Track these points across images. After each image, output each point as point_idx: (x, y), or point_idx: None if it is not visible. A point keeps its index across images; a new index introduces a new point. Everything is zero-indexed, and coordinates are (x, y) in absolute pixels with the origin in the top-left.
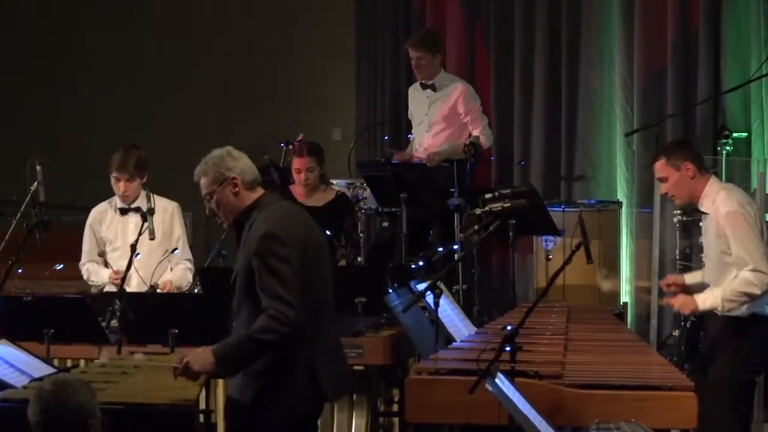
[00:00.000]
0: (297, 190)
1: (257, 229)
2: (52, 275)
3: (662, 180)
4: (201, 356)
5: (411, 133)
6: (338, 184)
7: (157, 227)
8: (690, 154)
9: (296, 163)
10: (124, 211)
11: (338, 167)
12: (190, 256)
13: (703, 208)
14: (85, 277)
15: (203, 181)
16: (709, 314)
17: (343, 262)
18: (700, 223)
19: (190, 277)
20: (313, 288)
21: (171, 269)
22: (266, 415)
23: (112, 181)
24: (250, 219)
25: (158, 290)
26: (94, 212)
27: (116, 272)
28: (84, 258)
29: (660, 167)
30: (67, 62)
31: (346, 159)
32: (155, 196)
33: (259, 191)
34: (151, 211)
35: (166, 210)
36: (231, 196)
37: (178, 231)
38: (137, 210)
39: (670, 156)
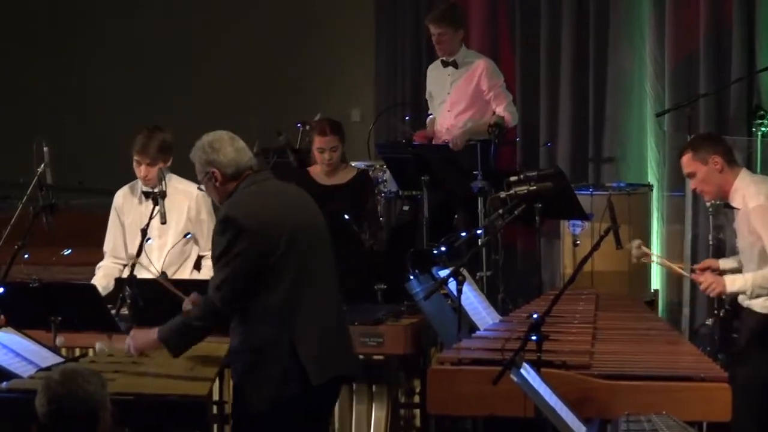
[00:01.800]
0: (316, 169)
1: (220, 213)
2: (59, 261)
3: (690, 176)
4: (144, 336)
5: (430, 113)
6: (357, 166)
7: (181, 213)
8: (718, 147)
9: (319, 142)
10: (147, 195)
11: (357, 149)
12: None
13: (734, 204)
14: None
15: (196, 167)
16: (747, 309)
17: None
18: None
19: None
20: (289, 272)
21: (199, 263)
22: (251, 395)
23: (134, 164)
24: None
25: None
26: (119, 197)
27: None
28: (106, 251)
29: (687, 162)
30: (77, 41)
31: (365, 140)
32: (180, 179)
33: (244, 176)
34: (163, 194)
35: (191, 195)
36: (213, 187)
37: (204, 216)
38: (164, 195)
39: (697, 150)
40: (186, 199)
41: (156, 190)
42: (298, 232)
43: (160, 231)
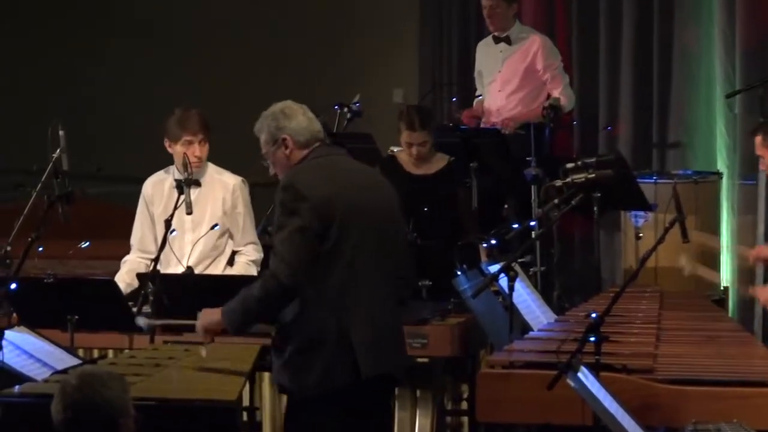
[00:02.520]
0: (405, 156)
1: (281, 182)
2: (76, 254)
3: (762, 160)
4: (210, 315)
5: (479, 94)
6: (398, 151)
7: (216, 205)
8: None
9: (407, 136)
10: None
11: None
12: (254, 239)
13: None
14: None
15: (261, 139)
16: None
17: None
18: None
19: (254, 272)
20: (346, 255)
21: (233, 257)
22: (304, 390)
23: (179, 147)
24: None
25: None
26: (148, 186)
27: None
28: (133, 244)
29: (758, 145)
30: (95, 21)
31: None
32: (218, 168)
33: (313, 147)
34: (189, 182)
35: (228, 186)
36: (283, 157)
37: (241, 209)
38: (197, 183)
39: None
40: (222, 190)
41: (183, 177)
42: (362, 214)
43: (193, 224)
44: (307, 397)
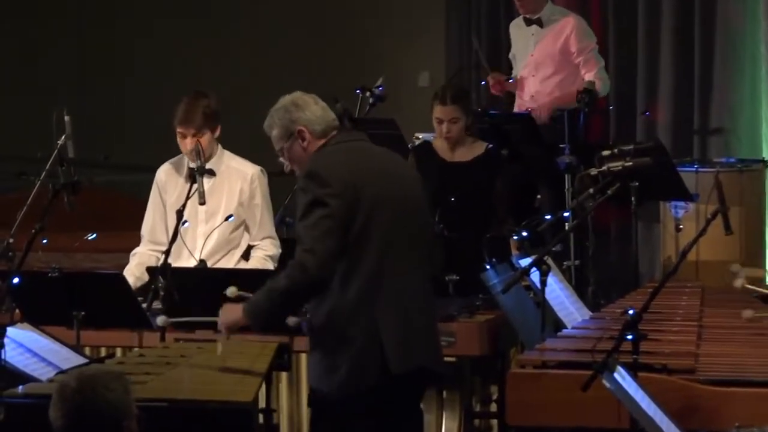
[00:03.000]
0: (440, 142)
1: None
2: (82, 246)
3: None
4: (232, 311)
5: (513, 77)
6: (425, 137)
7: (232, 196)
8: None
9: (437, 111)
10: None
11: (425, 117)
12: (272, 233)
13: None
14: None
15: (273, 135)
16: None
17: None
18: None
19: (271, 267)
20: (373, 243)
21: (248, 252)
22: (330, 390)
23: (178, 137)
24: None
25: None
26: (161, 173)
27: None
28: (143, 235)
29: None
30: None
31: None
32: (233, 156)
33: (331, 136)
34: (202, 170)
35: (245, 176)
36: (300, 150)
37: (258, 200)
38: (210, 172)
39: None
40: (239, 179)
41: (210, 167)
42: (390, 201)
43: (207, 215)
44: (334, 397)
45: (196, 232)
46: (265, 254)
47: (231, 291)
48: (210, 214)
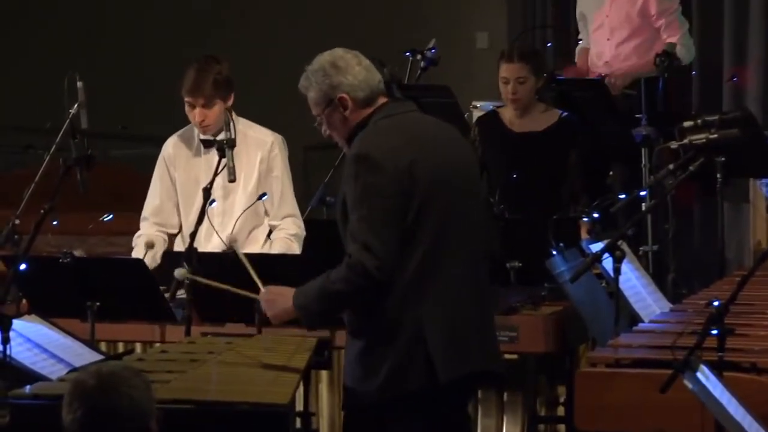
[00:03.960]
0: (507, 112)
1: (351, 150)
2: (97, 229)
3: None
4: (279, 299)
5: (580, 39)
6: (483, 106)
7: (252, 168)
8: None
9: (503, 70)
10: (207, 144)
11: (483, 83)
12: (295, 211)
13: None
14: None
15: (309, 99)
16: None
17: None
18: None
19: (296, 249)
20: (426, 233)
21: (270, 232)
22: (368, 393)
23: (186, 107)
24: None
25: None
26: (168, 146)
27: None
28: (146, 216)
29: None
30: None
31: (495, 73)
32: (251, 124)
33: (377, 104)
34: (231, 143)
35: (264, 144)
36: (340, 118)
37: (278, 172)
38: (232, 143)
39: None
40: (258, 149)
41: (221, 137)
42: (446, 185)
43: (224, 191)
44: (371, 401)
45: (213, 211)
46: (288, 233)
47: (180, 273)
48: (228, 189)
